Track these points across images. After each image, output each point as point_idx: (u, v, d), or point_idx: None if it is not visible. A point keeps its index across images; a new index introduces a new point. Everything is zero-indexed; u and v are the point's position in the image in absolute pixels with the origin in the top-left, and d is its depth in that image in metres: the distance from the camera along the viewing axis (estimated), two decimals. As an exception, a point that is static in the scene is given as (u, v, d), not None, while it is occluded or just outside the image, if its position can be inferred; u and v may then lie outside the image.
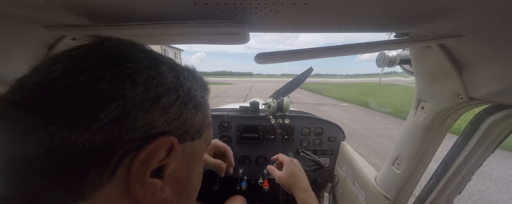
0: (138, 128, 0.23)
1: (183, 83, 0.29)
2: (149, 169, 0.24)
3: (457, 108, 0.59)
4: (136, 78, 0.23)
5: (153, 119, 0.24)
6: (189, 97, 0.29)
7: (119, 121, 0.21)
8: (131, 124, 0.22)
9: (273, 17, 0.42)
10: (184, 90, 0.28)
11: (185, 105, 0.28)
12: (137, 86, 0.22)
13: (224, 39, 0.52)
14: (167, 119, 0.25)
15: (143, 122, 0.23)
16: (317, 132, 1.50)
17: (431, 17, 0.40)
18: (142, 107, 0.23)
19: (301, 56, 0.43)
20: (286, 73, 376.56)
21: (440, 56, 0.52)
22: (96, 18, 0.46)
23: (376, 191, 0.91)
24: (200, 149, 0.34)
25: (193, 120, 0.30)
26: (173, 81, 0.27)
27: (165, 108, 0.25)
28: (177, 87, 0.27)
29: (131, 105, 0.22)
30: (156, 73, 0.25)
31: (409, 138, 0.74)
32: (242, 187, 1.47)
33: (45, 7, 0.39)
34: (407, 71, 0.72)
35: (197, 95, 0.31)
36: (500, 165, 3.98)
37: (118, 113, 0.21)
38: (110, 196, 0.22)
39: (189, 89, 0.29)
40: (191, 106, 0.29)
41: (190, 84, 0.30)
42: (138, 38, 0.51)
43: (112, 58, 0.23)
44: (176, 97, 0.26)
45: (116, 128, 0.21)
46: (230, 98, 15.13)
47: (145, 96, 0.23)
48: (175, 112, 0.26)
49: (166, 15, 0.42)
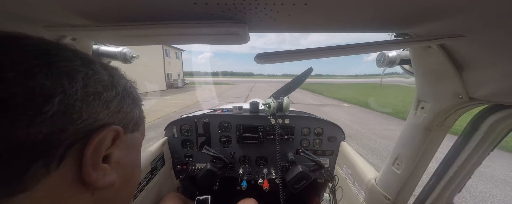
0: (83, 121, 0.25)
1: (119, 81, 0.31)
2: (101, 155, 0.27)
3: (457, 108, 0.59)
4: (74, 75, 0.24)
5: (96, 113, 0.26)
6: (127, 93, 0.32)
7: (63, 113, 0.23)
8: (75, 117, 0.24)
9: (273, 17, 0.42)
10: (121, 87, 0.31)
11: (124, 100, 0.31)
12: (76, 82, 0.24)
13: (224, 39, 0.52)
14: (109, 113, 0.28)
15: (87, 115, 0.25)
16: (317, 132, 1.50)
17: (431, 17, 0.40)
18: (85, 102, 0.25)
19: (301, 56, 0.43)
20: (287, 74, 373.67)
21: (440, 57, 0.52)
22: (96, 18, 0.46)
23: (376, 191, 0.91)
24: (138, 140, 0.37)
25: (132, 114, 0.33)
26: (109, 79, 0.29)
27: (107, 103, 0.28)
28: (115, 84, 0.30)
29: (74, 99, 0.24)
30: (92, 71, 0.27)
31: (409, 138, 0.74)
32: (242, 187, 1.47)
33: (45, 7, 0.40)
34: (407, 71, 0.72)
35: (132, 92, 0.34)
36: (502, 166, 3.96)
37: (61, 106, 0.22)
38: (57, 184, 0.24)
39: (125, 86, 0.32)
40: (129, 101, 0.32)
41: (124, 82, 0.33)
42: (138, 38, 0.52)
43: (42, 56, 0.23)
44: (115, 93, 0.29)
45: (61, 120, 0.22)
46: (231, 98, 15.14)
47: (86, 92, 0.25)
48: (116, 106, 0.29)
49: (166, 15, 0.42)
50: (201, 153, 1.46)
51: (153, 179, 1.26)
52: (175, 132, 1.51)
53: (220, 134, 1.52)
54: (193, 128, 1.52)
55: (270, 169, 1.56)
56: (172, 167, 1.56)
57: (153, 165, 1.27)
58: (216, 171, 1.36)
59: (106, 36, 0.51)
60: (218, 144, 1.54)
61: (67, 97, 0.23)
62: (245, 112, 1.53)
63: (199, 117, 1.50)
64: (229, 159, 1.53)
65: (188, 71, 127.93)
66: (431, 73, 0.60)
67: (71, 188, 0.25)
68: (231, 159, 1.56)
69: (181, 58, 30.89)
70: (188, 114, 1.59)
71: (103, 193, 0.29)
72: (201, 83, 44.27)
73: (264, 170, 1.56)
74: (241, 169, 1.56)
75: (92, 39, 0.66)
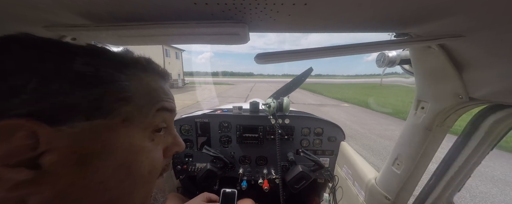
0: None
1: (44, 59, 0.24)
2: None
3: (457, 108, 0.59)
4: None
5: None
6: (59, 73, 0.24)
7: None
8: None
9: (273, 17, 0.42)
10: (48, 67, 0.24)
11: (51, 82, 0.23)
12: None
13: (224, 39, 0.52)
14: (22, 101, 0.21)
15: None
16: (317, 132, 1.50)
17: (431, 17, 0.40)
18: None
19: (301, 57, 0.43)
20: (287, 74, 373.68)
21: (440, 56, 0.52)
22: (96, 18, 0.46)
23: (376, 191, 0.91)
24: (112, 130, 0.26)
25: (77, 97, 0.24)
26: (21, 61, 0.23)
27: (13, 89, 0.21)
28: (33, 67, 0.23)
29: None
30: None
31: (409, 138, 0.74)
32: (242, 187, 1.47)
33: (45, 7, 0.39)
34: (407, 71, 0.72)
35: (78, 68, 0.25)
36: (502, 166, 3.96)
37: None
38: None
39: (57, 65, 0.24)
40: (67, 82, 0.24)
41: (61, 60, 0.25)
42: (138, 38, 0.52)
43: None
44: (29, 77, 0.22)
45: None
46: (231, 98, 15.13)
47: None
48: (33, 91, 0.22)
49: (166, 15, 0.42)
50: (201, 153, 1.46)
51: None
52: None
53: (220, 134, 1.52)
54: (193, 128, 1.52)
55: (270, 169, 1.56)
56: (172, 167, 1.56)
57: (153, 165, 1.27)
58: (216, 171, 1.36)
59: (106, 36, 0.51)
60: (218, 144, 1.54)
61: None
62: (245, 112, 1.53)
63: (199, 117, 1.50)
64: (229, 159, 1.53)
65: (188, 71, 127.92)
66: (431, 73, 0.60)
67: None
68: (231, 159, 1.56)
69: (181, 58, 30.89)
70: (188, 114, 1.59)
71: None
72: (201, 83, 44.28)
73: (264, 170, 1.56)
74: (241, 169, 1.56)
75: (92, 39, 0.66)
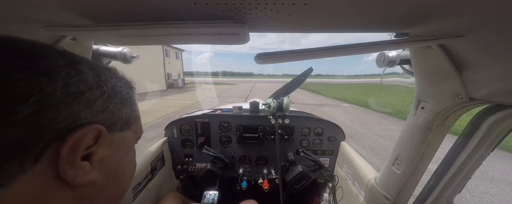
0: (61, 120, 0.25)
1: (107, 81, 0.32)
2: (78, 153, 0.27)
3: (457, 108, 0.59)
4: (54, 75, 0.25)
5: (77, 112, 0.26)
6: (114, 93, 0.32)
7: (39, 113, 0.23)
8: (53, 116, 0.24)
9: (273, 17, 0.42)
10: (108, 86, 0.31)
11: (111, 100, 0.31)
12: (55, 82, 0.24)
13: (224, 39, 0.52)
14: (92, 112, 0.28)
15: (66, 114, 0.25)
16: (317, 132, 1.50)
17: (431, 17, 0.40)
18: (64, 101, 0.25)
19: (301, 57, 0.43)
20: (287, 74, 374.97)
21: (440, 56, 0.52)
22: (96, 18, 0.46)
23: (376, 191, 0.91)
24: (129, 139, 0.37)
25: (121, 113, 0.33)
26: (95, 79, 0.30)
27: (90, 102, 0.28)
28: (101, 84, 0.30)
29: (51, 99, 0.24)
30: (76, 71, 0.27)
31: (409, 138, 0.74)
32: (242, 187, 1.47)
33: (45, 7, 0.40)
34: (407, 71, 0.72)
35: (122, 91, 0.34)
36: (502, 167, 3.96)
37: (37, 106, 0.23)
38: (34, 180, 0.24)
39: (113, 86, 0.33)
40: (117, 101, 0.33)
41: (114, 82, 0.33)
42: (138, 38, 0.52)
43: (23, 57, 0.24)
44: (100, 93, 0.30)
45: (37, 120, 0.23)
46: (231, 98, 15.14)
47: (66, 92, 0.25)
48: (101, 105, 0.30)
49: (166, 15, 0.42)
50: (201, 153, 1.46)
51: (153, 179, 1.26)
52: (175, 132, 1.51)
53: (220, 134, 1.52)
54: (193, 128, 1.52)
55: (270, 169, 1.56)
56: (172, 167, 1.56)
57: (153, 165, 1.27)
58: (216, 171, 1.36)
59: (106, 36, 0.51)
60: (218, 144, 1.54)
61: (44, 97, 0.23)
62: (245, 112, 1.53)
63: (199, 117, 1.50)
64: (229, 159, 1.53)
65: (188, 71, 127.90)
66: (431, 73, 0.60)
67: (50, 185, 0.25)
68: (231, 159, 1.56)
69: (181, 58, 30.89)
70: (188, 114, 1.59)
71: (84, 190, 0.29)
72: (201, 83, 44.28)
73: (264, 170, 1.56)
74: (241, 169, 1.56)
75: (92, 39, 0.66)
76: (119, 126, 0.34)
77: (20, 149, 0.22)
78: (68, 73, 0.26)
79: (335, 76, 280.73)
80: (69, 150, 0.26)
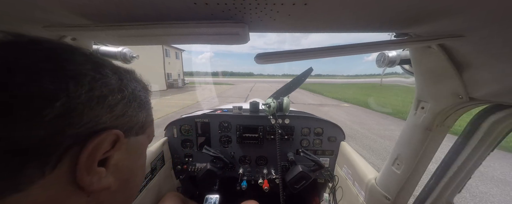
0: (83, 124, 0.25)
1: (127, 85, 0.32)
2: (96, 159, 0.27)
3: (457, 108, 0.59)
4: (80, 79, 0.25)
5: (98, 116, 0.26)
6: (134, 97, 0.32)
7: (64, 117, 0.23)
8: (76, 120, 0.24)
9: (273, 17, 0.42)
10: (128, 91, 0.31)
11: (130, 104, 0.31)
12: (81, 86, 0.24)
13: (224, 39, 0.52)
14: (113, 116, 0.28)
15: (88, 118, 0.25)
16: (317, 132, 1.49)
17: (431, 17, 0.40)
18: (87, 105, 0.25)
19: (301, 56, 0.43)
20: (287, 74, 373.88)
21: (440, 56, 0.52)
22: (96, 18, 0.46)
23: (376, 191, 0.91)
24: (142, 143, 0.37)
25: (138, 117, 0.33)
26: (117, 83, 0.30)
27: (111, 106, 0.28)
28: (122, 88, 0.30)
29: (76, 103, 0.24)
30: (100, 75, 0.27)
31: (409, 138, 0.74)
32: (242, 187, 1.47)
33: (45, 7, 0.40)
34: (407, 71, 0.72)
35: (140, 95, 0.34)
36: (502, 166, 3.96)
37: (62, 109, 0.22)
38: (52, 185, 0.24)
39: (133, 90, 0.32)
40: (136, 105, 0.32)
41: (134, 86, 0.33)
42: (138, 38, 0.52)
43: (52, 60, 0.24)
44: (121, 97, 0.29)
45: (61, 123, 0.23)
46: (231, 98, 15.14)
47: (90, 96, 0.25)
48: (121, 109, 0.29)
49: (166, 15, 0.42)
50: (201, 153, 1.46)
51: (153, 179, 1.26)
52: (175, 132, 1.51)
53: (220, 134, 1.52)
54: (193, 128, 1.52)
55: (270, 169, 1.56)
56: (172, 167, 1.56)
57: (153, 165, 1.27)
58: (216, 171, 1.36)
59: (106, 36, 0.51)
60: (218, 144, 1.54)
61: (70, 101, 0.23)
62: (245, 112, 1.53)
63: (199, 117, 1.50)
64: (229, 159, 1.53)
65: (188, 71, 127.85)
66: (431, 73, 0.60)
67: (66, 190, 0.25)
68: (231, 159, 1.56)
69: (181, 58, 30.87)
70: (188, 114, 1.59)
71: (98, 196, 0.29)
72: (201, 83, 44.29)
73: (264, 170, 1.56)
74: (241, 169, 1.56)
75: (92, 39, 0.66)
76: (135, 131, 0.34)
77: (42, 152, 0.22)
78: (94, 77, 0.26)
79: (335, 76, 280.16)
80: (88, 155, 0.25)
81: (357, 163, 1.17)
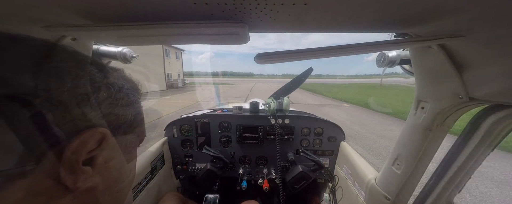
0: (67, 122, 0.24)
1: (114, 83, 0.31)
2: (80, 158, 0.26)
3: (457, 108, 0.59)
4: (63, 76, 0.24)
5: (83, 114, 0.26)
6: (121, 96, 0.32)
7: (45, 115, 0.22)
8: (59, 118, 0.23)
9: (273, 17, 0.42)
10: (115, 89, 0.31)
11: (117, 102, 0.31)
12: (63, 83, 0.24)
13: (224, 39, 0.52)
14: (98, 114, 0.28)
15: (71, 116, 0.24)
16: (317, 132, 1.49)
17: (431, 17, 0.40)
18: (71, 103, 0.24)
19: (301, 56, 0.43)
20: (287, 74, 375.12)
21: (440, 56, 0.52)
22: (96, 18, 0.46)
23: (376, 191, 0.91)
24: (132, 142, 0.37)
25: (126, 116, 0.33)
26: (103, 81, 0.29)
27: (96, 104, 0.27)
28: (108, 86, 0.30)
29: (58, 101, 0.23)
30: (84, 72, 0.27)
31: (409, 138, 0.74)
32: (242, 187, 1.47)
33: (45, 7, 0.39)
34: (407, 71, 0.72)
35: (128, 94, 0.34)
36: (502, 167, 3.96)
37: (43, 108, 0.22)
38: (34, 185, 0.23)
39: (120, 88, 0.32)
40: (123, 103, 0.32)
41: (121, 84, 0.33)
42: (138, 38, 0.52)
43: (32, 57, 0.23)
44: (107, 95, 0.29)
45: (42, 122, 0.22)
46: (231, 98, 15.14)
47: (74, 93, 0.25)
48: (107, 108, 0.29)
49: (166, 15, 0.42)
50: (201, 153, 1.47)
51: (153, 179, 1.26)
52: (175, 132, 1.51)
53: (220, 134, 1.52)
54: (193, 128, 1.52)
55: (270, 169, 1.56)
56: (172, 167, 1.56)
57: (153, 165, 1.27)
58: (216, 171, 1.36)
59: (106, 36, 0.51)
60: (218, 144, 1.54)
61: (51, 98, 0.22)
62: (245, 112, 1.53)
63: (199, 117, 1.50)
64: (229, 159, 1.53)
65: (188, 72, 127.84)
66: (431, 74, 0.60)
67: (50, 190, 0.24)
68: (231, 159, 1.56)
69: (181, 59, 30.88)
70: (188, 114, 1.59)
71: (85, 195, 0.28)
72: (201, 83, 44.29)
73: (264, 170, 1.56)
74: (241, 169, 1.56)
75: (92, 39, 0.66)
76: (123, 129, 0.33)
77: (22, 151, 0.22)
78: (77, 74, 0.26)
79: (335, 76, 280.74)
80: (71, 154, 0.25)
81: (357, 163, 1.17)
